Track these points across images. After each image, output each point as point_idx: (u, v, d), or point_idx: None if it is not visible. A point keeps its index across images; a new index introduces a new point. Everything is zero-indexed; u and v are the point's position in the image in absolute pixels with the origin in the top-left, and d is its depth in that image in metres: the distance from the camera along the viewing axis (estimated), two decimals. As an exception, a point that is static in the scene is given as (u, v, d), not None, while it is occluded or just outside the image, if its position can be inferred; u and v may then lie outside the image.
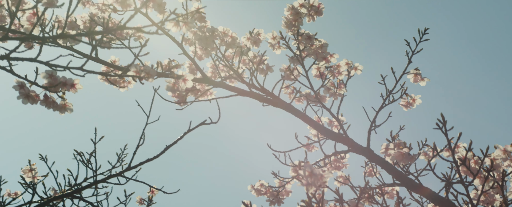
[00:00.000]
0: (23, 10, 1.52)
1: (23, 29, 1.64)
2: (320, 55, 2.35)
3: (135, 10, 1.50)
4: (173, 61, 2.51)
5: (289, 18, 2.26)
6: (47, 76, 1.57)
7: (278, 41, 2.43)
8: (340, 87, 2.43)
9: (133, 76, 1.60)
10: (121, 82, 2.11)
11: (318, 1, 2.22)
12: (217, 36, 2.43)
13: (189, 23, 1.52)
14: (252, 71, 2.50)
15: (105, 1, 2.51)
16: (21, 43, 1.54)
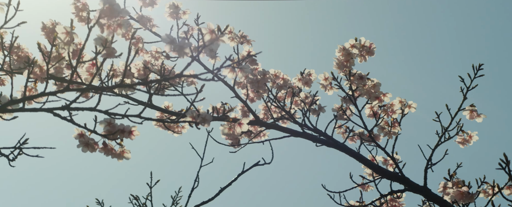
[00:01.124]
0: (83, 62, 1.56)
1: (83, 80, 1.68)
2: (373, 95, 2.33)
3: (191, 58, 1.52)
4: (225, 104, 2.53)
5: (340, 59, 2.27)
6: (105, 124, 1.59)
7: (330, 82, 2.43)
8: (394, 126, 2.41)
9: (189, 121, 1.62)
10: (175, 127, 2.14)
11: (370, 41, 2.23)
12: (269, 79, 2.45)
13: (245, 69, 1.53)
14: (304, 111, 2.50)
15: (158, 49, 2.57)
16: (81, 94, 1.58)
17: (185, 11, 2.45)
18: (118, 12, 1.48)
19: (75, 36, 1.52)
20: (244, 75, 1.60)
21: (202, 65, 2.13)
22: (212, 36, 1.52)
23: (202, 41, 1.54)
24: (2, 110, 1.53)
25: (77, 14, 2.51)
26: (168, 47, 1.52)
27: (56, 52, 1.62)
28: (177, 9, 2.43)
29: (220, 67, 1.56)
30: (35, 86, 1.73)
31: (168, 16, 2.46)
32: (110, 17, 1.50)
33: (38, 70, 1.64)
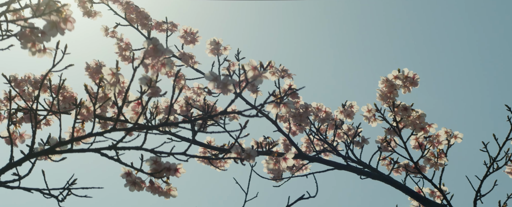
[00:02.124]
0: (128, 102, 1.58)
1: (128, 119, 1.70)
2: (418, 126, 2.31)
3: (235, 94, 1.53)
4: (268, 138, 2.54)
5: (383, 91, 2.25)
6: (152, 162, 1.60)
7: (373, 114, 2.42)
8: (440, 157, 2.37)
9: (234, 158, 1.62)
10: (218, 162, 2.14)
11: (413, 72, 2.21)
12: (311, 112, 2.44)
13: (288, 104, 1.53)
14: (347, 144, 2.48)
15: (200, 85, 2.60)
16: (127, 133, 1.59)
17: (225, 47, 2.47)
18: (162, 52, 1.49)
19: (120, 77, 1.55)
20: (288, 110, 1.60)
21: (246, 101, 2.14)
22: (255, 72, 1.52)
23: (245, 78, 1.54)
24: (51, 151, 1.55)
25: (120, 54, 2.56)
26: (212, 84, 1.53)
27: (103, 93, 1.65)
28: (218, 45, 2.46)
29: (264, 103, 1.56)
30: (83, 126, 1.75)
31: (209, 52, 2.49)
32: (154, 57, 1.52)
33: (85, 111, 1.67)
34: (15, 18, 1.51)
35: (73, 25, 1.31)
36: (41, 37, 1.35)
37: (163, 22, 2.60)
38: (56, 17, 1.29)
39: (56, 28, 1.30)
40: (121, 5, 2.61)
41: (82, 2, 2.51)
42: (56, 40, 1.52)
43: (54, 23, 1.29)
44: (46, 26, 1.30)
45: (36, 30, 1.33)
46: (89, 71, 2.53)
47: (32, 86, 2.41)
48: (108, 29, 2.63)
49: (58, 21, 1.29)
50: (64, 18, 1.29)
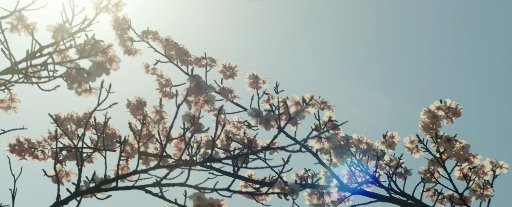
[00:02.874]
0: (171, 139, 1.59)
1: (171, 155, 1.71)
2: (462, 157, 2.27)
3: (278, 129, 1.53)
4: (309, 170, 2.52)
5: (426, 122, 2.23)
6: (195, 199, 1.61)
7: (416, 145, 2.39)
8: (486, 188, 2.33)
9: (278, 193, 1.61)
10: (260, 197, 2.14)
11: (456, 103, 2.19)
12: (352, 144, 2.42)
13: (331, 139, 1.53)
14: (389, 175, 2.45)
15: (240, 119, 2.61)
16: (171, 170, 1.60)
17: (264, 81, 2.48)
18: (204, 89, 1.51)
19: (164, 115, 1.56)
20: (331, 145, 1.59)
21: (287, 134, 2.14)
22: (297, 108, 1.52)
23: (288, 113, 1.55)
24: (97, 190, 1.56)
25: (160, 90, 2.59)
26: (254, 120, 1.53)
27: (146, 130, 1.67)
28: (257, 79, 2.48)
29: (307, 138, 1.56)
30: (127, 164, 1.77)
31: (248, 86, 2.50)
32: (197, 94, 1.53)
33: (129, 148, 1.69)
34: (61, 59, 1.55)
35: (118, 65, 1.33)
36: (86, 77, 1.37)
37: (202, 58, 2.63)
38: (101, 58, 1.31)
39: (101, 69, 1.32)
40: (160, 42, 2.65)
41: (123, 40, 2.55)
42: (100, 80, 1.55)
43: (100, 64, 1.31)
44: (92, 67, 1.32)
45: (82, 70, 1.36)
46: (130, 108, 2.57)
47: (75, 124, 2.45)
48: (148, 66, 2.66)
49: (104, 62, 1.32)
50: (109, 59, 1.32)
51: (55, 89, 1.49)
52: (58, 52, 1.44)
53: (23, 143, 2.46)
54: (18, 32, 1.58)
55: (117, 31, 2.47)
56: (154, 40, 2.66)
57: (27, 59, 1.45)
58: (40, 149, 2.49)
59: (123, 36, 2.53)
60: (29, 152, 2.45)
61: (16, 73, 1.45)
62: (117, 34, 2.48)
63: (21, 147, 2.45)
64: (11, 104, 1.67)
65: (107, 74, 1.33)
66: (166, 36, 2.65)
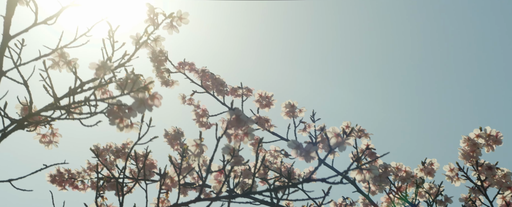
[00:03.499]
0: (212, 171, 1.60)
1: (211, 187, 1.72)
2: (504, 185, 2.23)
3: (319, 161, 1.53)
4: (347, 198, 2.51)
5: (466, 150, 2.20)
6: (236, 231, 1.61)
7: (456, 173, 2.36)
8: (530, 216, 2.28)
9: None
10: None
11: (496, 130, 2.15)
12: (391, 172, 2.40)
13: (373, 170, 1.52)
14: (429, 202, 2.42)
15: (277, 147, 2.61)
16: (211, 202, 1.61)
17: (301, 109, 2.49)
18: (244, 122, 1.51)
19: (204, 148, 1.57)
20: (372, 176, 1.58)
21: (327, 165, 2.13)
22: (337, 139, 1.52)
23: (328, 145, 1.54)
24: (138, 223, 1.57)
25: (197, 120, 2.61)
26: (294, 152, 1.53)
27: (186, 163, 1.67)
28: (293, 108, 2.48)
29: (348, 169, 1.55)
30: (167, 197, 1.78)
31: (284, 115, 2.50)
32: (237, 127, 1.54)
33: (169, 181, 1.70)
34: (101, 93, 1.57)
35: (160, 101, 1.35)
36: (128, 113, 1.38)
37: (238, 87, 2.64)
38: (144, 95, 1.33)
39: (144, 105, 1.34)
40: (197, 73, 2.67)
41: (160, 72, 2.58)
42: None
43: (142, 101, 1.33)
44: (134, 104, 1.34)
45: (124, 106, 1.38)
46: (168, 138, 2.59)
47: (114, 155, 2.47)
48: (185, 96, 2.69)
49: (146, 99, 1.33)
50: (151, 95, 1.33)
51: (96, 124, 1.51)
52: (99, 87, 1.46)
53: (63, 174, 2.49)
54: (59, 69, 1.61)
55: (154, 63, 2.50)
56: (190, 71, 2.69)
57: (68, 95, 1.47)
58: (80, 179, 2.52)
59: (160, 68, 2.55)
60: (69, 182, 2.48)
61: (58, 109, 1.47)
62: (154, 66, 2.51)
63: (62, 178, 2.48)
64: (53, 139, 1.70)
65: (149, 110, 1.35)
66: (202, 67, 2.68)
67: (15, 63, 1.50)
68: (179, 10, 1.68)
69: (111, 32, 1.58)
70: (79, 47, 1.59)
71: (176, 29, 1.70)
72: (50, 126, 1.68)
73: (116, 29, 1.58)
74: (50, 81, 1.48)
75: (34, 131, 1.64)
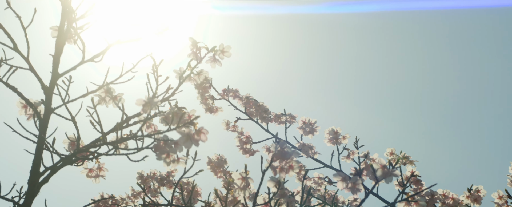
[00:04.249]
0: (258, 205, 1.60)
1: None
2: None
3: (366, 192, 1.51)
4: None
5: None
6: None
7: (506, 201, 2.31)
8: None
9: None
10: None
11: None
12: (437, 199, 2.36)
13: (420, 202, 1.50)
14: (478, 229, 2.37)
15: (321, 175, 2.59)
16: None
17: (344, 136, 2.47)
18: (290, 154, 1.51)
19: (250, 181, 1.57)
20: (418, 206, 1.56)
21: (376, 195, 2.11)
22: (384, 171, 1.51)
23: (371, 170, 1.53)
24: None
25: (241, 147, 2.61)
26: (341, 184, 1.52)
27: (232, 196, 1.68)
28: (337, 134, 2.46)
29: (395, 201, 1.54)
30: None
31: (328, 141, 2.49)
32: (282, 159, 1.54)
33: (215, 213, 1.70)
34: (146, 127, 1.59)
35: (206, 136, 1.35)
36: (174, 148, 1.39)
37: (282, 114, 2.64)
38: (190, 130, 1.34)
39: (190, 140, 1.34)
40: (240, 100, 2.69)
41: (205, 99, 2.60)
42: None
43: (188, 136, 1.34)
44: (181, 139, 1.35)
45: (170, 141, 1.39)
46: (211, 165, 2.60)
47: (158, 182, 2.49)
48: (229, 123, 2.70)
49: (192, 133, 1.34)
50: (198, 130, 1.34)
51: (143, 159, 1.53)
52: (144, 121, 1.48)
53: (107, 200, 2.51)
54: (105, 104, 1.63)
55: (198, 90, 2.52)
56: (234, 98, 2.71)
57: (115, 130, 1.49)
58: (124, 206, 2.54)
59: (204, 95, 2.58)
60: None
61: (105, 144, 1.49)
62: (198, 93, 2.54)
63: (105, 204, 2.51)
64: (100, 173, 1.72)
65: (196, 145, 1.36)
66: (246, 93, 2.69)
67: (63, 99, 1.53)
68: (222, 44, 1.69)
69: (154, 66, 1.59)
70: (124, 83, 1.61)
71: (219, 63, 1.71)
72: (96, 160, 1.70)
73: (159, 63, 1.60)
74: (97, 116, 1.50)
75: (82, 166, 1.66)
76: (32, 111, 1.55)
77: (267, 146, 2.42)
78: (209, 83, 2.60)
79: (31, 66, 1.50)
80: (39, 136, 1.48)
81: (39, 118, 1.50)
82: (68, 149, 1.63)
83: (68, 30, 1.52)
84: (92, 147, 1.50)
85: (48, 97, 1.50)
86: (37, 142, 1.47)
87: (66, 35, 1.51)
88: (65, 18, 1.52)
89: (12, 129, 1.50)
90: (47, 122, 1.50)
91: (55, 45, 1.50)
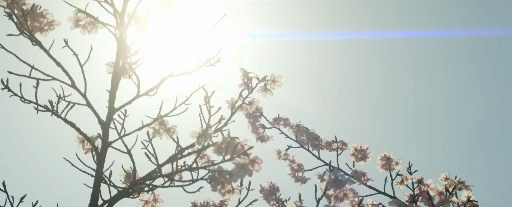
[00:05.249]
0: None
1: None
2: None
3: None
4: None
5: None
6: None
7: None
8: None
9: None
10: None
11: None
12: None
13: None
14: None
15: (374, 201, 2.56)
16: None
17: (397, 162, 2.44)
18: (344, 182, 1.51)
19: (304, 211, 1.57)
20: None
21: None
22: (441, 198, 1.49)
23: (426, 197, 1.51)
24: None
25: (293, 175, 2.61)
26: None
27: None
28: (389, 160, 2.44)
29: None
30: None
31: (380, 168, 2.47)
32: (336, 187, 1.53)
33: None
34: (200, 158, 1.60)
35: (260, 166, 1.36)
36: (229, 178, 1.40)
37: (333, 141, 2.63)
38: (244, 160, 1.35)
39: (244, 171, 1.35)
40: (291, 128, 2.69)
41: (255, 128, 2.62)
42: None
43: (243, 166, 1.35)
44: (235, 170, 1.36)
45: (225, 172, 1.40)
46: (263, 193, 2.60)
47: (212, 212, 2.50)
48: (280, 152, 2.70)
49: (247, 164, 1.35)
50: (251, 161, 1.35)
51: (198, 190, 1.54)
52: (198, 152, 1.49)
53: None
54: (159, 136, 1.66)
55: (249, 119, 2.54)
56: (285, 126, 2.71)
57: (170, 161, 1.51)
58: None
59: (255, 124, 2.59)
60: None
61: (161, 176, 1.51)
62: (249, 122, 2.55)
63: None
64: (155, 205, 1.74)
65: (249, 175, 1.36)
66: (297, 121, 2.70)
67: (119, 133, 1.56)
68: (272, 74, 1.71)
69: (206, 98, 1.61)
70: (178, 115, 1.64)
71: (270, 92, 1.72)
72: (152, 192, 1.72)
73: (211, 94, 1.62)
74: (153, 148, 1.53)
75: (138, 198, 1.69)
76: (89, 146, 1.59)
77: (319, 174, 2.40)
78: (260, 112, 2.61)
79: (88, 102, 1.54)
80: (97, 169, 1.51)
81: (96, 152, 1.53)
82: (125, 181, 1.66)
83: (123, 66, 1.56)
84: (148, 179, 1.52)
85: (105, 131, 1.53)
86: (95, 176, 1.50)
87: (121, 71, 1.55)
88: (120, 55, 1.56)
89: (71, 163, 1.54)
90: (104, 156, 1.53)
91: (111, 81, 1.54)
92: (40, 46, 1.52)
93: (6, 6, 1.46)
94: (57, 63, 1.52)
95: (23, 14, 1.49)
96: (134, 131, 1.58)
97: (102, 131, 1.54)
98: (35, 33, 1.54)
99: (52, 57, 1.53)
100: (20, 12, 1.48)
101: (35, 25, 1.53)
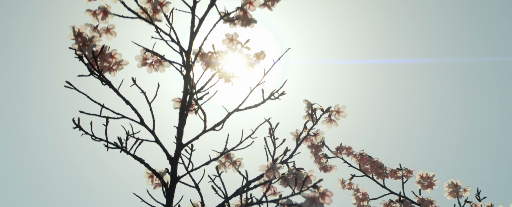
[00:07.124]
0: None
1: None
2: None
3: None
4: None
5: None
6: None
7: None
8: None
9: None
10: None
11: None
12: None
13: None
14: None
15: None
16: None
17: (465, 189, 2.40)
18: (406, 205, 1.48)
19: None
20: None
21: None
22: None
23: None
24: None
25: (358, 205, 2.58)
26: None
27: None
28: (457, 187, 2.40)
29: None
30: None
31: (447, 195, 2.43)
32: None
33: None
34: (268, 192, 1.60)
35: (330, 199, 1.35)
36: (298, 211, 1.40)
37: (398, 169, 2.59)
38: (314, 193, 1.34)
39: (315, 204, 1.34)
40: (354, 157, 2.67)
41: (318, 158, 2.61)
42: None
43: (313, 200, 1.34)
44: (305, 203, 1.35)
45: (294, 205, 1.39)
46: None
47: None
48: (344, 181, 2.68)
49: (317, 197, 1.34)
50: (322, 193, 1.34)
51: (265, 223, 1.54)
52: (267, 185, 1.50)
53: None
54: (225, 169, 1.67)
55: (311, 149, 2.53)
56: (348, 155, 2.69)
57: (237, 194, 1.52)
58: None
59: (318, 154, 2.58)
60: None
61: (230, 211, 1.52)
62: (311, 152, 2.54)
63: None
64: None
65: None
66: (360, 150, 2.67)
67: (187, 168, 1.58)
68: (337, 104, 1.71)
69: (271, 130, 1.62)
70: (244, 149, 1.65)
71: (335, 123, 1.72)
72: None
73: (276, 127, 1.62)
74: (221, 182, 1.54)
75: (207, 232, 1.70)
76: (158, 181, 1.61)
77: (385, 203, 2.37)
78: (322, 141, 2.61)
79: (157, 138, 1.57)
80: (167, 204, 1.52)
81: (166, 187, 1.55)
82: (192, 216, 1.67)
83: (190, 102, 1.58)
84: (216, 213, 1.53)
85: (173, 166, 1.55)
86: (165, 211, 1.52)
87: (188, 107, 1.58)
88: (187, 92, 1.59)
89: (141, 199, 1.56)
90: (173, 190, 1.55)
91: (178, 118, 1.57)
92: (109, 85, 1.57)
93: (78, 49, 1.51)
94: (126, 101, 1.56)
95: (93, 55, 1.53)
96: (202, 165, 1.59)
97: (171, 166, 1.56)
98: (104, 73, 1.58)
99: (121, 96, 1.56)
100: (90, 54, 1.53)
101: (104, 65, 1.58)
